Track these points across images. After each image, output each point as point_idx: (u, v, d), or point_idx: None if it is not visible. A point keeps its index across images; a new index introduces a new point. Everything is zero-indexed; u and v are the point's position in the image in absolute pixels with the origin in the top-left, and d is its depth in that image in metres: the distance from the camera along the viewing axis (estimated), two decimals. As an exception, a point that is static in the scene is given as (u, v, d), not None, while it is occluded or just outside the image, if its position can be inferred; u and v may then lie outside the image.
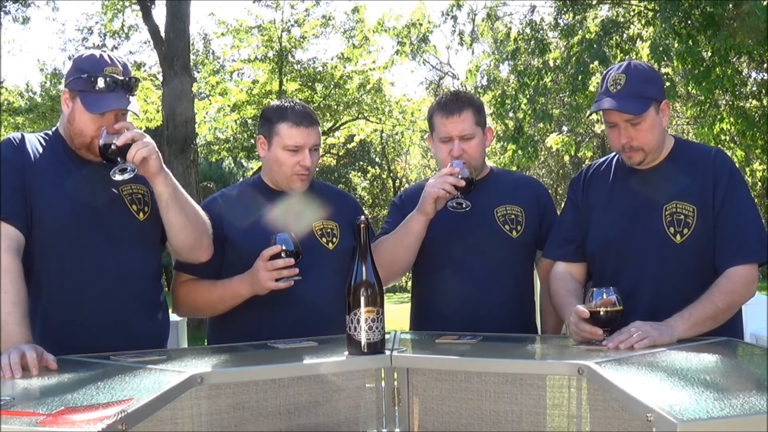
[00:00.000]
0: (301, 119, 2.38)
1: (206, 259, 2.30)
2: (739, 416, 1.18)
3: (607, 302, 1.92)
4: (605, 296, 1.93)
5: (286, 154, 2.38)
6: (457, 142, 2.42)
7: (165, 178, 2.11)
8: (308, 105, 2.55)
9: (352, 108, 15.90)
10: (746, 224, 2.13)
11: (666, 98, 2.22)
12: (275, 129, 2.39)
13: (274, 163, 2.41)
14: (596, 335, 1.90)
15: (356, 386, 1.82)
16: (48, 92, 17.60)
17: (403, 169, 26.76)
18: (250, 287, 2.23)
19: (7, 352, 1.75)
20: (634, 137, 2.15)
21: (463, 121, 2.43)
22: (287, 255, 2.17)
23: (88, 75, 2.07)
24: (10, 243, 1.98)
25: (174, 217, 2.16)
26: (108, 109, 2.07)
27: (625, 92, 2.13)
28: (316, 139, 2.41)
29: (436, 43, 32.50)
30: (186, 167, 10.07)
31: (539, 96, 9.89)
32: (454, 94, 2.53)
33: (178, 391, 1.54)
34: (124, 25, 15.40)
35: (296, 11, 14.88)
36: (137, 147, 2.02)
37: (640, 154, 2.18)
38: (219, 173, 24.57)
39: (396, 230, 2.46)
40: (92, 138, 2.10)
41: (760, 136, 9.53)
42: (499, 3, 12.86)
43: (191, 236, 2.22)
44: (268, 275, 2.17)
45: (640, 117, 2.13)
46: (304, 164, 2.37)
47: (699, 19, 8.76)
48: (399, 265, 2.45)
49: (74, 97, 2.11)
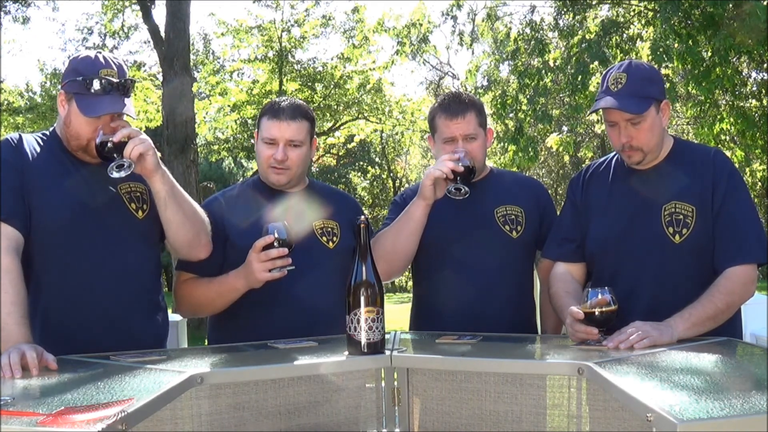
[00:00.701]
0: (281, 113, 2.40)
1: (205, 256, 2.30)
2: (739, 416, 1.18)
3: (602, 302, 1.92)
4: (600, 296, 1.93)
5: (263, 147, 2.42)
6: (461, 143, 2.43)
7: (162, 175, 2.11)
8: (305, 103, 2.55)
9: (352, 108, 15.89)
10: (745, 224, 2.13)
11: (666, 98, 2.22)
12: (260, 123, 2.46)
13: (258, 156, 2.48)
14: (592, 335, 1.90)
15: (356, 386, 1.82)
16: (48, 92, 17.60)
17: (403, 169, 26.76)
18: (245, 280, 2.23)
19: (7, 352, 1.74)
20: (634, 136, 2.15)
21: (467, 122, 2.44)
22: (280, 245, 2.15)
23: (83, 78, 2.07)
24: (10, 243, 1.98)
25: (172, 214, 2.16)
26: (103, 112, 2.07)
27: (625, 91, 2.13)
28: (294, 134, 2.39)
29: (436, 43, 32.51)
30: (186, 167, 10.07)
31: (539, 96, 9.88)
32: (456, 95, 2.54)
33: (178, 391, 1.54)
34: (124, 25, 15.39)
35: (296, 11, 14.89)
36: (134, 143, 2.02)
37: (640, 153, 2.18)
38: (219, 173, 24.57)
39: (397, 219, 2.47)
40: (88, 140, 2.10)
41: (760, 136, 9.53)
42: (499, 3, 12.86)
43: (189, 233, 2.22)
44: (262, 266, 2.15)
45: (641, 116, 2.13)
46: (276, 157, 2.39)
47: (699, 19, 8.75)
48: (400, 254, 2.44)
49: (70, 99, 2.11)
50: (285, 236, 2.16)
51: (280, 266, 2.15)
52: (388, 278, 2.41)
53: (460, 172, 2.30)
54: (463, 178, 2.31)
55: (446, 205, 2.44)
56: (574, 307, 1.96)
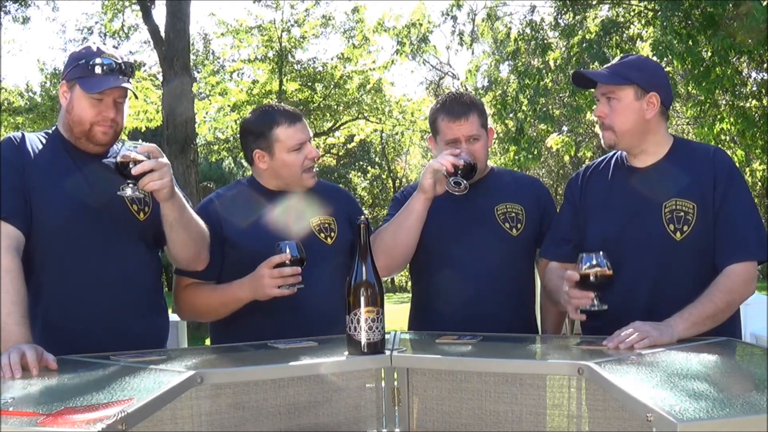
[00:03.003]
0: (293, 117, 2.43)
1: (202, 268, 2.31)
2: (739, 416, 1.18)
3: (596, 266, 1.98)
4: (594, 260, 1.98)
5: (293, 155, 2.40)
6: (464, 145, 2.43)
7: (173, 203, 2.09)
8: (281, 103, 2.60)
9: (352, 108, 15.89)
10: (746, 222, 2.13)
11: (657, 92, 2.20)
12: (273, 136, 2.40)
13: (283, 168, 2.42)
14: (587, 298, 1.97)
15: (356, 386, 1.82)
16: (48, 92, 17.60)
17: (403, 169, 26.75)
18: (251, 293, 2.23)
19: (7, 352, 1.74)
20: (607, 114, 2.19)
21: (470, 124, 2.44)
22: (293, 262, 2.17)
23: (86, 61, 2.10)
24: (10, 242, 1.98)
25: (177, 236, 2.17)
26: (106, 87, 2.08)
27: (611, 69, 2.23)
28: (310, 131, 2.49)
29: (436, 43, 32.42)
30: (186, 167, 10.08)
31: (540, 96, 9.88)
32: (458, 96, 2.53)
33: (178, 391, 1.54)
34: (124, 25, 15.39)
35: (296, 11, 14.88)
36: (150, 178, 1.98)
37: (611, 134, 2.21)
38: (219, 173, 24.56)
39: (398, 213, 2.47)
40: (92, 124, 2.11)
41: (760, 136, 9.52)
42: (499, 3, 12.86)
43: (191, 252, 2.24)
44: (273, 282, 2.16)
45: (613, 91, 2.17)
46: (311, 156, 2.42)
47: (699, 19, 8.75)
48: (401, 248, 2.44)
49: (72, 86, 2.13)
50: (298, 254, 2.18)
51: (291, 284, 2.17)
52: (388, 273, 2.42)
53: (461, 167, 2.30)
54: (464, 174, 2.31)
55: (446, 203, 2.44)
56: (570, 271, 2.01)
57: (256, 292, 2.22)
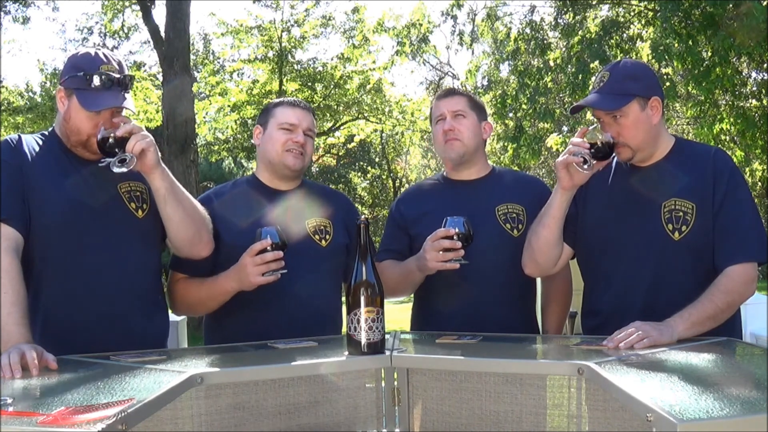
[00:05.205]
0: (296, 104, 2.51)
1: (207, 254, 2.30)
2: (739, 416, 1.18)
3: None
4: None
5: (281, 132, 2.45)
6: (448, 119, 2.50)
7: (162, 172, 2.11)
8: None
9: (352, 108, 15.89)
10: (746, 223, 2.13)
11: (657, 95, 2.20)
12: (271, 113, 2.50)
13: (268, 143, 2.47)
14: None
15: (356, 386, 1.82)
16: (48, 92, 17.61)
17: (403, 169, 26.76)
18: (237, 283, 2.23)
19: (7, 352, 1.74)
20: (619, 132, 2.16)
21: (455, 101, 2.54)
22: (274, 248, 2.16)
23: (84, 73, 2.08)
24: (9, 243, 1.98)
25: (172, 211, 2.16)
26: (104, 106, 2.07)
27: (606, 89, 2.17)
28: (311, 124, 2.50)
29: (436, 43, 32.47)
30: (186, 167, 10.08)
31: (540, 96, 9.89)
32: (451, 87, 2.62)
33: (178, 391, 1.54)
34: (124, 25, 15.40)
35: (296, 11, 14.88)
36: (136, 138, 2.02)
37: (627, 150, 2.18)
38: (219, 173, 24.54)
39: (400, 267, 2.47)
40: (89, 136, 2.11)
41: (760, 136, 9.53)
42: (499, 3, 12.86)
43: (190, 231, 2.22)
44: (257, 270, 2.16)
45: (619, 111, 2.14)
46: (296, 140, 2.43)
47: (699, 19, 8.75)
48: (401, 293, 2.56)
49: (70, 95, 2.12)
50: (279, 240, 2.17)
51: (273, 269, 2.16)
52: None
53: (456, 248, 2.23)
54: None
55: (446, 204, 2.43)
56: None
57: (241, 283, 2.21)
